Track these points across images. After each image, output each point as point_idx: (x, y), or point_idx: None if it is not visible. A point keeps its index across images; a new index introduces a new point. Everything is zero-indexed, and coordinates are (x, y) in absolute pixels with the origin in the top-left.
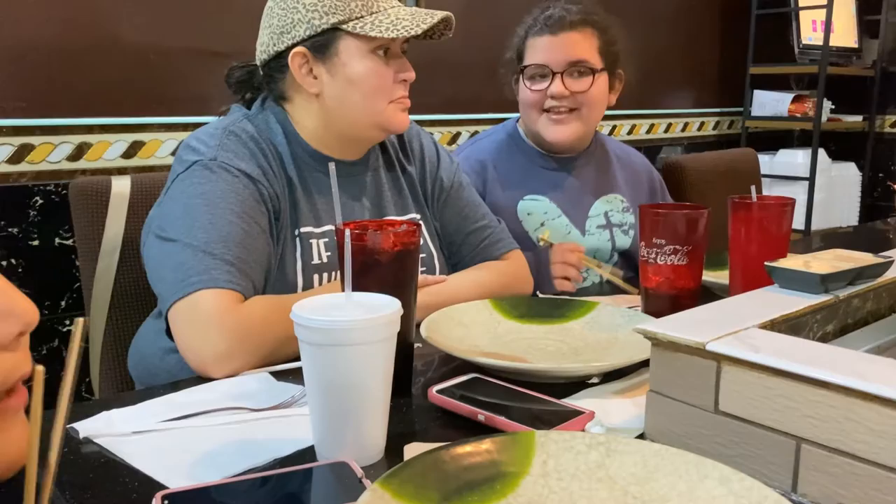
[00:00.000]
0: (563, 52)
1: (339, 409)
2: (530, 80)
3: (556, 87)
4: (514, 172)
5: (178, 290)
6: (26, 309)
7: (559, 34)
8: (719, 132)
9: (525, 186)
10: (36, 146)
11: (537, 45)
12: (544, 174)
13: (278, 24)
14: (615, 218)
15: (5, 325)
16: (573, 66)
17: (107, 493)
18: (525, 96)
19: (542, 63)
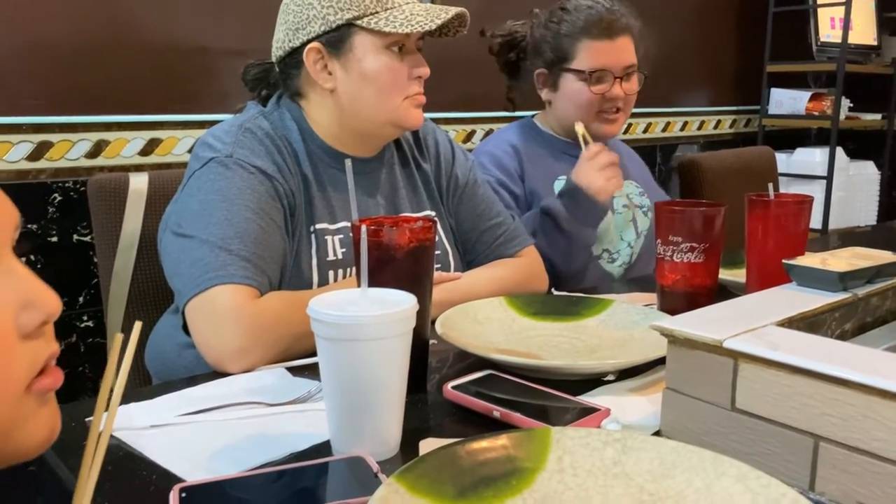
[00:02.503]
0: (621, 57)
1: (355, 404)
2: (584, 81)
3: (617, 91)
4: (543, 157)
5: (195, 286)
6: (50, 299)
7: (616, 39)
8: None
9: (556, 168)
10: (55, 143)
11: (596, 49)
12: (569, 159)
13: (294, 21)
14: (636, 200)
15: (29, 315)
16: (627, 69)
17: (126, 486)
18: (583, 97)
19: (603, 68)
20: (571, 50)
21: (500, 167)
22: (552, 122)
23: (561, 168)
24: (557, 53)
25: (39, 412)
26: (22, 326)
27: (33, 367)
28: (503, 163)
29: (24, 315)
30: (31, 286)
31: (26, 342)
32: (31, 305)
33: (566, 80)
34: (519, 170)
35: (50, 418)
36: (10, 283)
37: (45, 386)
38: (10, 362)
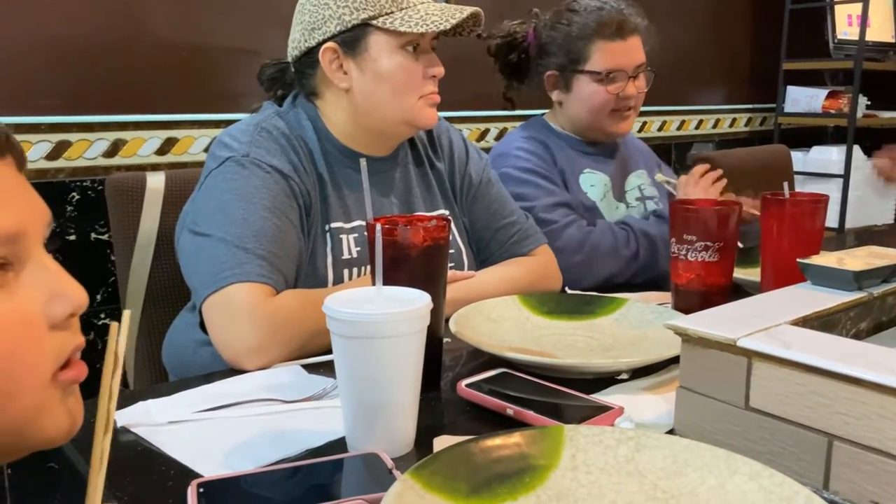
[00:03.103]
0: (634, 56)
1: (370, 401)
2: (600, 82)
3: (631, 89)
4: (565, 150)
5: (212, 284)
6: (78, 292)
7: (628, 39)
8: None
9: (580, 161)
10: (73, 143)
11: (610, 50)
12: (586, 157)
13: (309, 21)
14: (647, 191)
15: (58, 307)
16: (638, 68)
17: (144, 481)
18: (599, 98)
19: (617, 68)
20: (585, 52)
21: (537, 155)
22: (563, 121)
23: (584, 162)
24: (570, 56)
25: (64, 402)
26: (51, 317)
27: (60, 357)
28: (537, 152)
29: (53, 306)
30: (60, 279)
31: (54, 333)
32: (59, 297)
33: (580, 81)
34: (550, 157)
35: (73, 409)
36: (41, 277)
37: (69, 377)
38: (39, 351)
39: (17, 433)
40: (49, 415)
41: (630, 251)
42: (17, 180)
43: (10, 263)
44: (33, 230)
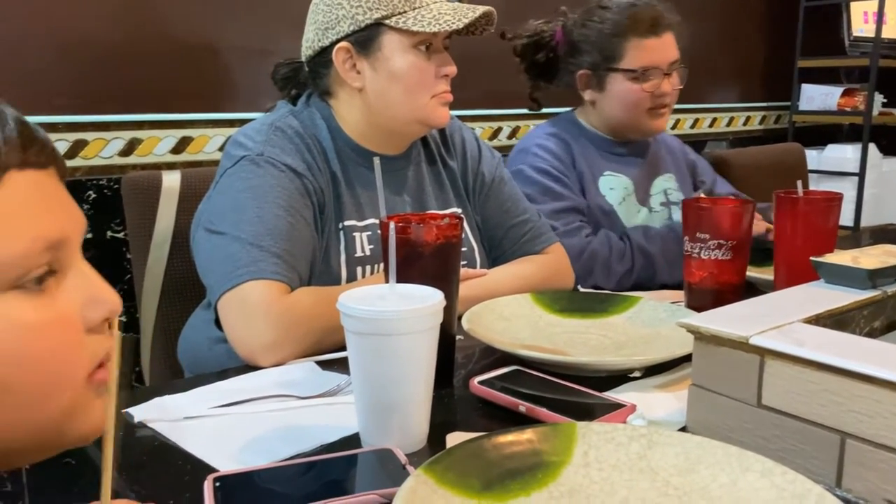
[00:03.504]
0: (668, 53)
1: (384, 398)
2: (635, 80)
3: (666, 86)
4: (589, 150)
5: (227, 282)
6: (112, 297)
7: (662, 35)
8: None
9: (601, 164)
10: (89, 142)
11: (645, 47)
12: (611, 157)
13: (323, 20)
14: (673, 196)
15: (95, 311)
16: (672, 65)
17: (161, 475)
18: (634, 97)
19: (652, 65)
20: (619, 49)
21: (555, 156)
22: (595, 119)
23: (606, 165)
24: (604, 53)
25: (95, 403)
26: (88, 321)
27: (95, 358)
28: (557, 153)
29: (90, 311)
30: (97, 285)
31: (90, 335)
32: (96, 302)
33: (614, 80)
34: (570, 158)
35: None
36: (80, 282)
37: (102, 379)
38: (78, 352)
39: (57, 430)
40: (84, 413)
41: (624, 267)
42: (60, 190)
43: (54, 270)
44: (73, 238)
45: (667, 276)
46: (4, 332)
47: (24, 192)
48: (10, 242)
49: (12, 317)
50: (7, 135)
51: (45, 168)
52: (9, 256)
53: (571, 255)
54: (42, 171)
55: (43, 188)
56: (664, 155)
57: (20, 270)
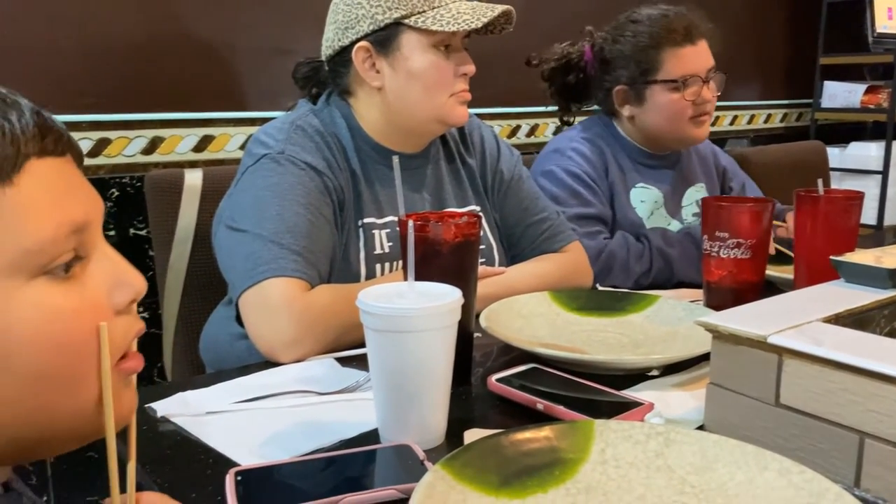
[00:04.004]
0: (705, 60)
1: (402, 394)
2: (676, 90)
3: (706, 93)
4: (623, 160)
5: (248, 279)
6: (138, 279)
7: (697, 43)
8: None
9: (633, 175)
10: (112, 140)
11: (682, 56)
12: (643, 169)
13: (343, 20)
14: None
15: (121, 294)
16: (710, 71)
17: (184, 469)
18: (677, 107)
19: (691, 73)
20: (656, 61)
21: (589, 162)
22: (633, 132)
23: (638, 176)
24: (641, 67)
25: (123, 392)
26: (116, 304)
27: (124, 341)
28: (591, 159)
29: (117, 294)
30: (122, 267)
31: (118, 318)
32: (122, 285)
33: (654, 92)
34: (604, 166)
35: (131, 400)
36: (105, 266)
37: (129, 367)
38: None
39: (87, 418)
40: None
41: (642, 268)
42: (78, 175)
43: (80, 256)
44: (95, 221)
45: (684, 276)
46: (37, 318)
47: (46, 178)
48: (37, 228)
49: (43, 303)
50: (24, 125)
51: (63, 155)
52: (37, 242)
53: (590, 255)
54: (60, 158)
55: (63, 174)
56: (695, 164)
57: (48, 256)
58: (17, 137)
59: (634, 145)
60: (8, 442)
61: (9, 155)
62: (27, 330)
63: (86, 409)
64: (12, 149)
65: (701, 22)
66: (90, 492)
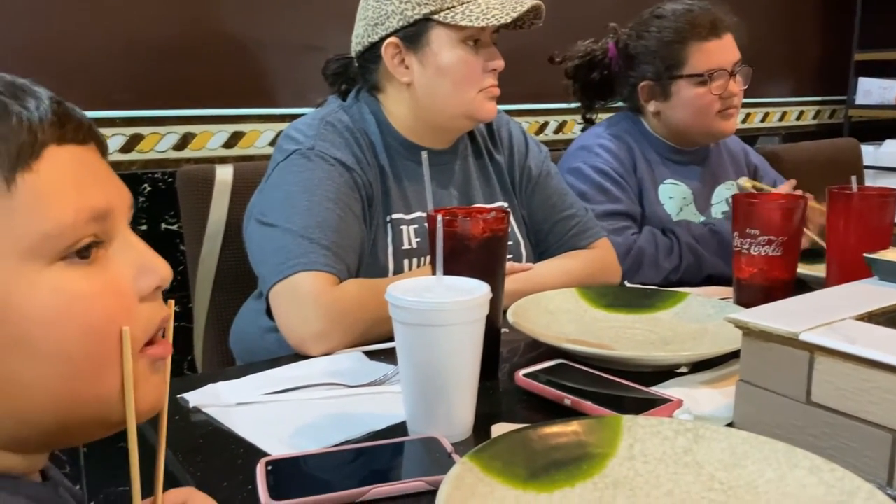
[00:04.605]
0: (731, 53)
1: (431, 387)
2: (702, 84)
3: (733, 87)
4: (651, 155)
5: (279, 273)
6: (163, 266)
7: (723, 37)
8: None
9: (662, 171)
10: (145, 136)
11: (708, 50)
12: (672, 165)
13: (372, 16)
14: None
15: (146, 280)
16: (736, 65)
17: (215, 458)
18: (704, 101)
19: (717, 67)
20: (681, 55)
21: (617, 158)
22: (660, 127)
23: (667, 172)
24: (667, 62)
25: (151, 378)
26: (140, 290)
27: (149, 328)
28: (619, 155)
29: (141, 280)
30: (146, 255)
31: (143, 304)
32: (147, 271)
33: (680, 87)
34: (632, 163)
35: (159, 386)
36: (129, 252)
37: (155, 353)
38: (132, 321)
39: (112, 404)
40: (139, 388)
41: (671, 263)
42: (102, 164)
43: (101, 241)
44: (119, 209)
45: (713, 269)
46: (59, 302)
47: (66, 165)
48: (56, 213)
49: (64, 287)
50: (42, 113)
51: (85, 144)
52: (57, 227)
53: (618, 252)
54: (82, 146)
55: (84, 162)
56: (726, 161)
57: (68, 241)
58: (35, 125)
59: (662, 141)
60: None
61: (26, 142)
62: (49, 314)
63: (111, 395)
64: (29, 136)
65: (726, 16)
66: (123, 482)
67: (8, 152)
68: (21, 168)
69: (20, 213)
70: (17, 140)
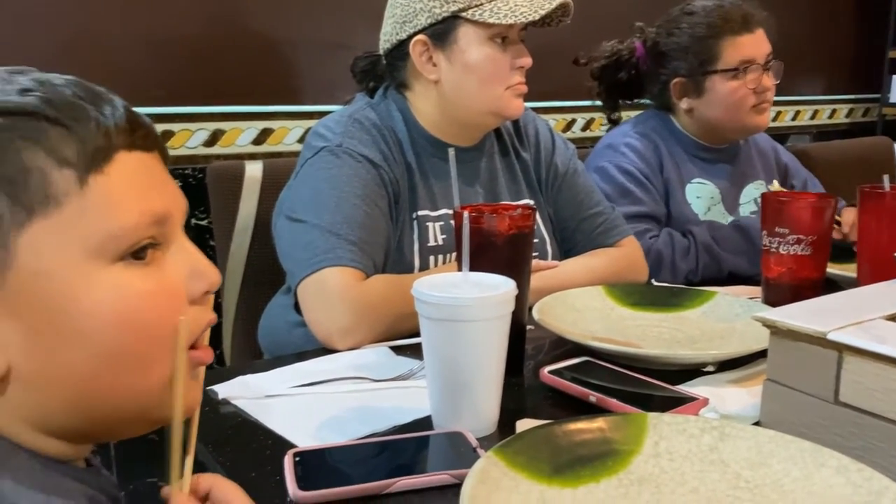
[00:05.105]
0: (763, 47)
1: (456, 382)
2: (736, 78)
3: (767, 81)
4: (678, 153)
5: (307, 268)
6: (213, 272)
7: (755, 31)
8: (852, 120)
9: (689, 169)
10: (175, 132)
11: (741, 44)
12: (700, 163)
13: (401, 14)
14: None
15: (196, 284)
16: (768, 59)
17: (244, 449)
18: (738, 95)
19: (751, 60)
20: (714, 50)
21: (642, 157)
22: (691, 125)
23: (694, 170)
24: (700, 57)
25: (190, 384)
26: (190, 293)
27: (196, 329)
28: (645, 154)
29: (193, 283)
30: (198, 259)
31: (192, 307)
32: (198, 275)
33: (713, 82)
34: (658, 162)
35: (196, 390)
36: (183, 256)
37: (197, 357)
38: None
39: (156, 401)
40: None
41: (688, 265)
42: (164, 172)
43: (159, 243)
44: (176, 215)
45: (733, 268)
46: (116, 300)
47: (133, 170)
48: (122, 215)
49: (122, 285)
50: (117, 119)
51: (150, 151)
52: (120, 228)
53: None
54: (147, 153)
55: (149, 168)
56: (755, 159)
57: (129, 242)
58: (110, 130)
59: (691, 139)
60: (83, 417)
61: (101, 146)
62: (106, 310)
63: (155, 392)
64: (105, 140)
65: (756, 11)
66: (151, 474)
67: (85, 154)
68: (94, 170)
69: (90, 213)
70: (94, 143)
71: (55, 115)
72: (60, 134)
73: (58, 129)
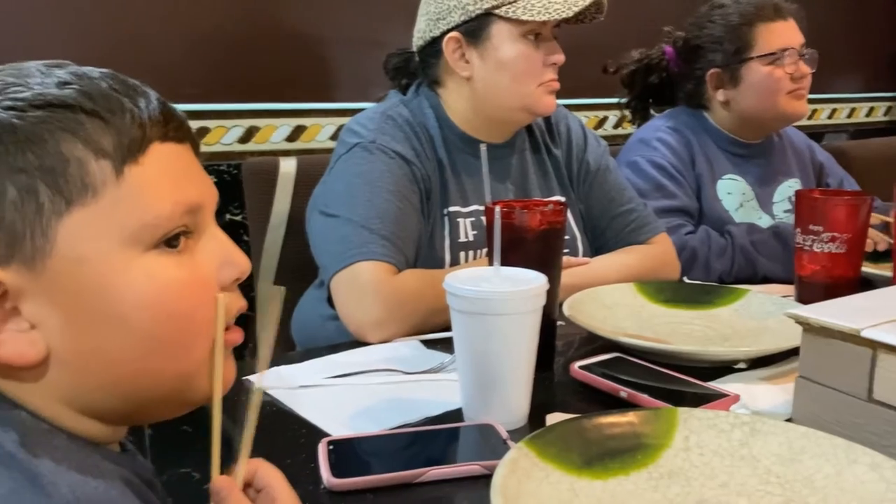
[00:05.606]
0: (796, 35)
1: (486, 375)
2: (773, 63)
3: (805, 66)
4: (710, 149)
5: (340, 262)
6: (243, 259)
7: (788, 19)
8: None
9: (721, 164)
10: (211, 129)
11: (775, 30)
12: (733, 159)
13: (434, 11)
14: None
15: (227, 272)
16: (802, 47)
17: (279, 438)
18: (775, 79)
19: (787, 45)
20: (750, 37)
21: (675, 152)
22: (727, 119)
23: (727, 166)
24: (736, 44)
25: (224, 362)
26: (221, 281)
27: (228, 314)
28: (677, 149)
29: (224, 271)
30: (229, 248)
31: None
32: (229, 263)
33: (750, 69)
34: (690, 157)
35: (230, 369)
36: (214, 245)
37: (230, 339)
38: (213, 309)
39: (188, 384)
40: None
41: (722, 265)
42: (195, 163)
43: (192, 232)
44: (208, 205)
45: (769, 273)
46: (152, 287)
47: (167, 161)
48: (156, 204)
49: (157, 273)
50: (151, 111)
51: (183, 142)
52: (155, 217)
53: None
54: (180, 144)
55: (182, 159)
56: (790, 157)
57: (164, 230)
58: (144, 122)
59: (723, 133)
60: (120, 399)
61: (136, 137)
62: (141, 296)
63: (190, 374)
64: (140, 132)
65: (786, 3)
66: (184, 465)
67: (121, 145)
68: (130, 161)
69: (125, 202)
70: (129, 135)
71: (92, 107)
72: (97, 125)
73: (95, 120)
